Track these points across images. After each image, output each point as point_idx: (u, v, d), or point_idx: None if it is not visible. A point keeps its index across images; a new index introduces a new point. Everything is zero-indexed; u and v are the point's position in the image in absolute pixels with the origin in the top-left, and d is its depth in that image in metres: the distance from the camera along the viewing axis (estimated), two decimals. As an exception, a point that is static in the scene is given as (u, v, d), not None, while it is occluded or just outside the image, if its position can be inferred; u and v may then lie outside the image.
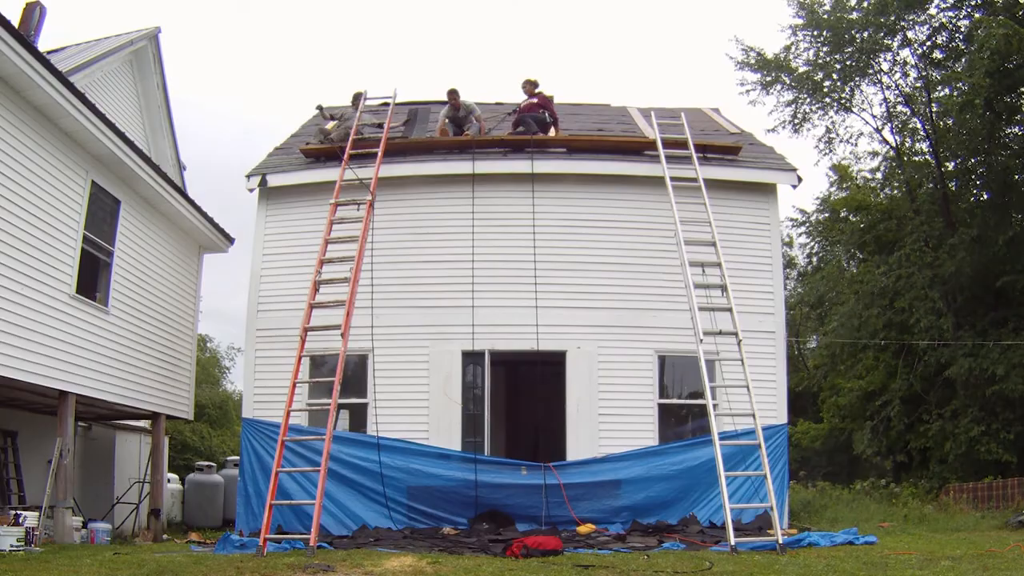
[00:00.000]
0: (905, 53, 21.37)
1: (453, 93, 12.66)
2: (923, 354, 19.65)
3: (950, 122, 19.94)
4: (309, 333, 9.73)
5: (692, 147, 11.59)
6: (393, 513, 10.56)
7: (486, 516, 10.50)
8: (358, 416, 11.55)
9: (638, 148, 12.23)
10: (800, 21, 22.05)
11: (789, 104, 23.05)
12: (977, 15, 18.74)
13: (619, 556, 7.75)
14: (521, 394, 14.61)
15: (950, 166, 21.10)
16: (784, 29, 22.52)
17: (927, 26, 20.63)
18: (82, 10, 62.88)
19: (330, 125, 12.81)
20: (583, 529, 9.93)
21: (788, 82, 22.84)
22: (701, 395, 9.92)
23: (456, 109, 12.68)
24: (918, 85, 21.45)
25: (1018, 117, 18.89)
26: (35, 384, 10.05)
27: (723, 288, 10.04)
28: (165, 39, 18.51)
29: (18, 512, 9.29)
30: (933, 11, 20.25)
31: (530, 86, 12.89)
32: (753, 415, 9.14)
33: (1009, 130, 18.98)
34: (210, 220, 14.71)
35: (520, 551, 7.70)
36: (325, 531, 9.98)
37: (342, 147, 11.74)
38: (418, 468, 10.67)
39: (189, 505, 16.25)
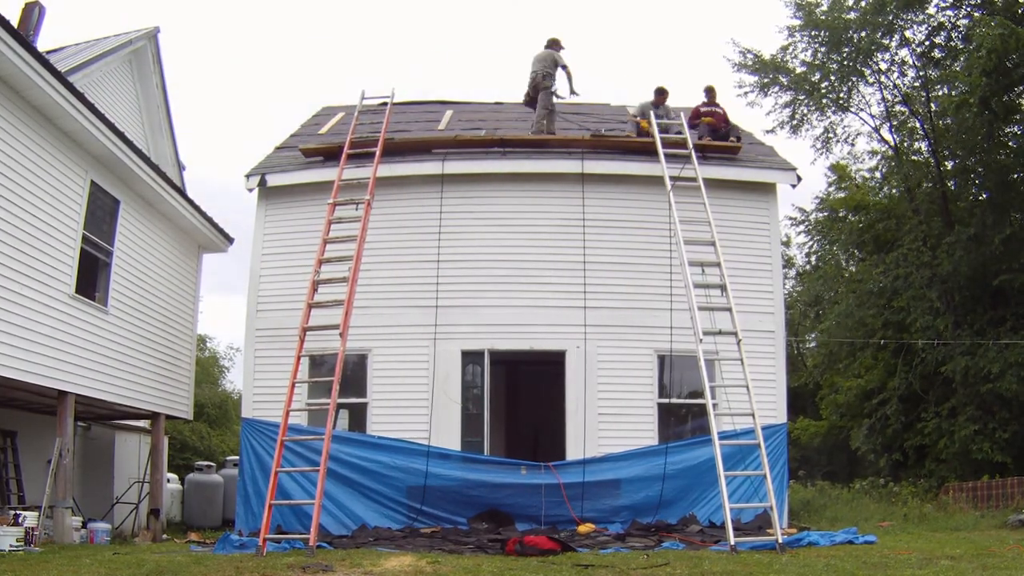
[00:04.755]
0: (904, 53, 21.39)
1: (662, 93, 12.86)
2: (922, 353, 19.65)
3: (949, 121, 19.92)
4: (308, 333, 9.73)
5: (692, 146, 11.60)
6: (393, 513, 10.57)
7: (486, 516, 10.51)
8: (358, 416, 11.56)
9: (638, 148, 12.24)
10: (798, 22, 22.02)
11: (787, 105, 23.03)
12: (977, 14, 18.71)
13: (619, 555, 7.75)
14: (521, 394, 14.64)
15: (949, 165, 21.08)
16: (782, 30, 22.51)
17: (926, 25, 20.66)
18: (82, 10, 62.86)
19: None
20: (583, 528, 9.94)
21: (785, 83, 22.82)
22: (701, 395, 9.91)
23: (658, 107, 12.76)
24: (916, 85, 21.43)
25: (1017, 116, 18.87)
26: (35, 384, 10.04)
27: (723, 288, 10.03)
28: (164, 39, 18.47)
29: (18, 512, 9.28)
30: (932, 10, 20.26)
31: (710, 95, 13.22)
32: (753, 415, 9.13)
33: (1008, 129, 18.97)
34: (209, 220, 14.70)
35: (515, 547, 7.71)
36: (325, 531, 9.97)
37: (340, 147, 11.74)
38: (418, 468, 10.68)
39: (188, 505, 16.24)
